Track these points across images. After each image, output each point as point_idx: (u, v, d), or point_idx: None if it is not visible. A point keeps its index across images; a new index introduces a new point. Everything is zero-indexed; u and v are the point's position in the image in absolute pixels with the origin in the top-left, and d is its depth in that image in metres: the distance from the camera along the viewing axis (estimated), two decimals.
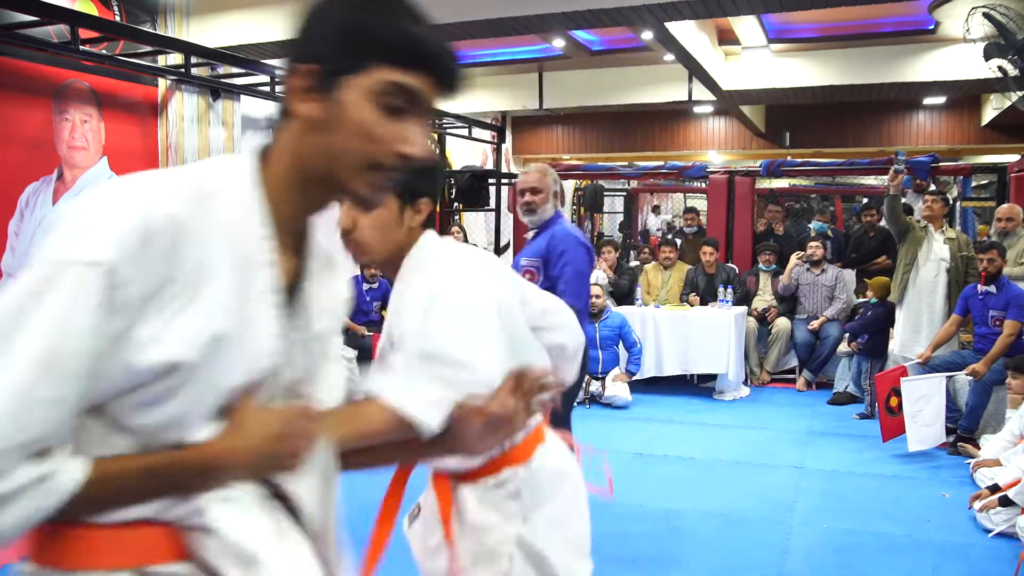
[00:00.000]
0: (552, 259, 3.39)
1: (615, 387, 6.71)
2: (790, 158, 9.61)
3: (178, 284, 0.88)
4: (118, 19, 5.41)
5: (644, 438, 5.77)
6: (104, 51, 5.10)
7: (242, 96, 6.35)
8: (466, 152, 10.09)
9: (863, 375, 6.57)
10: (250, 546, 0.96)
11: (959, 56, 7.39)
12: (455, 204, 9.32)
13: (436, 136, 9.13)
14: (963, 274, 6.04)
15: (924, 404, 5.14)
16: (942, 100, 10.03)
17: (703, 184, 9.12)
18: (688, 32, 6.57)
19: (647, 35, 6.72)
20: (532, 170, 3.62)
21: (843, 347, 6.92)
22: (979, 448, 4.99)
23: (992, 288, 5.36)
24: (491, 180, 9.27)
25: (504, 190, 9.62)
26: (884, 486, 4.71)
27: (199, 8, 5.93)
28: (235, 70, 6.06)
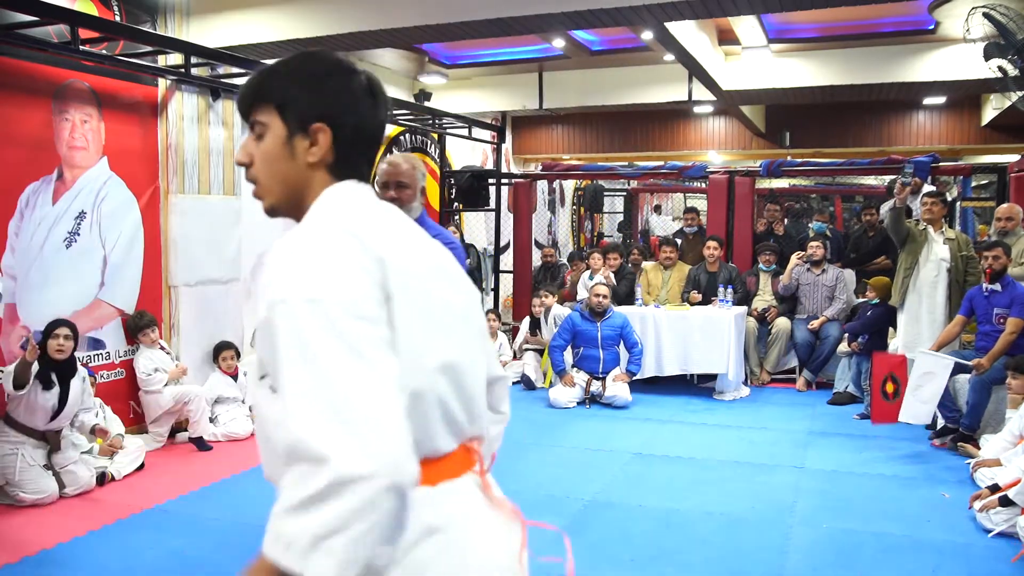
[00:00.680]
0: None
1: (615, 387, 6.72)
2: (790, 158, 9.61)
3: None
4: (118, 19, 5.41)
5: (644, 438, 5.77)
6: (104, 51, 5.10)
7: None
8: (466, 152, 10.09)
9: (863, 375, 6.57)
10: None
11: (959, 56, 7.39)
12: (455, 204, 9.32)
13: (436, 136, 9.14)
14: (963, 274, 6.03)
15: (927, 381, 5.19)
16: (942, 100, 10.03)
17: (703, 184, 9.12)
18: (688, 32, 6.57)
19: (647, 35, 6.72)
20: (399, 160, 2.87)
21: (843, 347, 6.92)
22: (979, 448, 4.99)
23: (997, 287, 5.37)
24: (491, 180, 9.28)
25: (504, 190, 9.62)
26: (884, 486, 4.71)
27: (199, 8, 5.93)
28: (235, 70, 6.05)
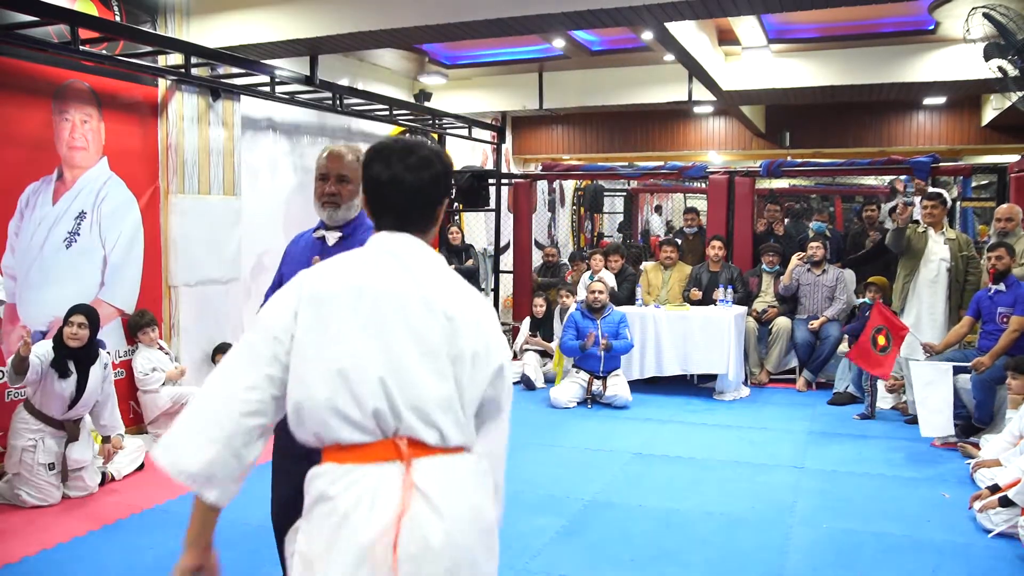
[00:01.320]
0: None
1: (615, 387, 6.72)
2: (790, 158, 9.61)
3: None
4: (118, 19, 5.40)
5: (644, 438, 5.77)
6: (104, 51, 5.10)
7: (242, 96, 6.35)
8: (466, 152, 10.09)
9: (863, 375, 6.57)
10: None
11: (959, 56, 7.38)
12: (455, 204, 9.32)
13: (436, 136, 9.13)
14: (964, 274, 6.04)
15: (931, 391, 5.18)
16: (942, 100, 10.03)
17: (703, 184, 9.12)
18: (688, 32, 6.57)
19: (647, 35, 6.72)
20: (342, 151, 2.62)
21: (843, 347, 6.92)
22: (979, 448, 4.99)
23: (1001, 286, 5.39)
24: (491, 180, 9.27)
25: (504, 190, 9.62)
26: (884, 486, 4.71)
27: (199, 8, 5.93)
28: (235, 70, 6.05)
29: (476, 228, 10.22)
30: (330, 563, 1.45)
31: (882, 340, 5.68)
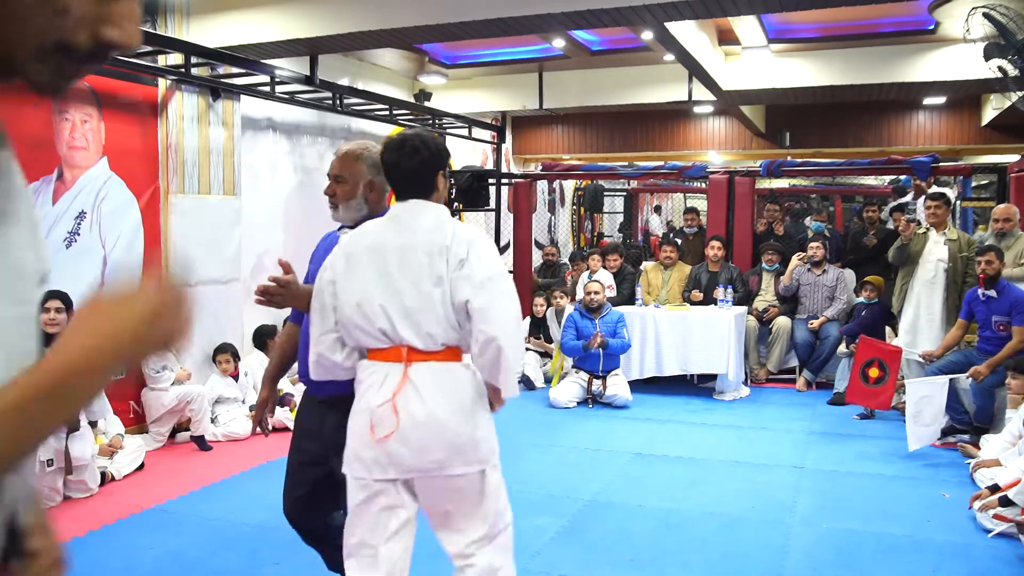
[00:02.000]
0: None
1: (615, 387, 6.72)
2: (790, 158, 9.60)
3: None
4: None
5: (644, 438, 5.77)
6: None
7: (242, 96, 6.35)
8: (466, 152, 10.09)
9: None
10: None
11: (959, 56, 7.38)
12: (455, 204, 9.31)
13: (436, 136, 9.12)
14: (962, 275, 6.04)
15: (926, 405, 5.14)
16: (942, 100, 10.03)
17: (703, 184, 9.12)
18: (688, 32, 6.57)
19: (647, 35, 6.72)
20: (341, 150, 2.69)
21: (843, 348, 6.93)
22: (979, 448, 4.99)
23: (993, 292, 5.36)
24: (491, 180, 9.27)
25: (504, 190, 9.62)
26: (884, 486, 4.71)
27: (199, 8, 5.93)
28: (235, 70, 6.06)
29: (476, 228, 10.20)
30: (355, 416, 2.27)
31: (874, 372, 5.65)
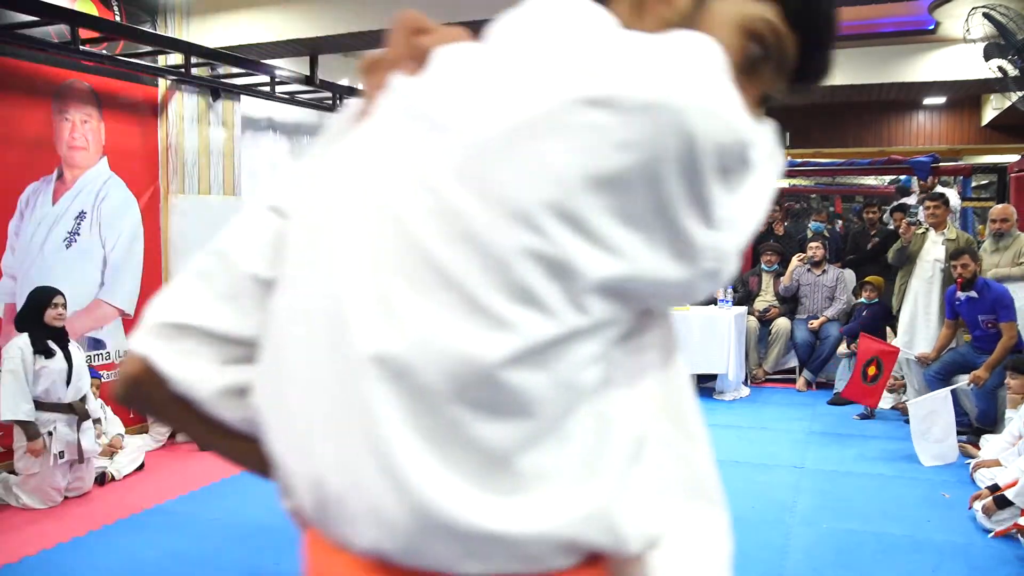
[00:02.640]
0: None
1: None
2: (790, 158, 9.61)
3: None
4: (118, 19, 5.41)
5: None
6: (104, 51, 5.10)
7: (242, 96, 6.35)
8: None
9: None
10: None
11: (959, 56, 7.39)
12: None
13: None
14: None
15: (932, 421, 5.04)
16: (942, 100, 10.04)
17: None
18: None
19: None
20: None
21: (843, 348, 6.93)
22: (979, 448, 4.99)
23: (974, 293, 5.34)
24: None
25: None
26: (884, 486, 4.71)
27: (199, 8, 5.93)
28: (235, 70, 6.06)
29: None
30: None
31: (872, 370, 5.65)
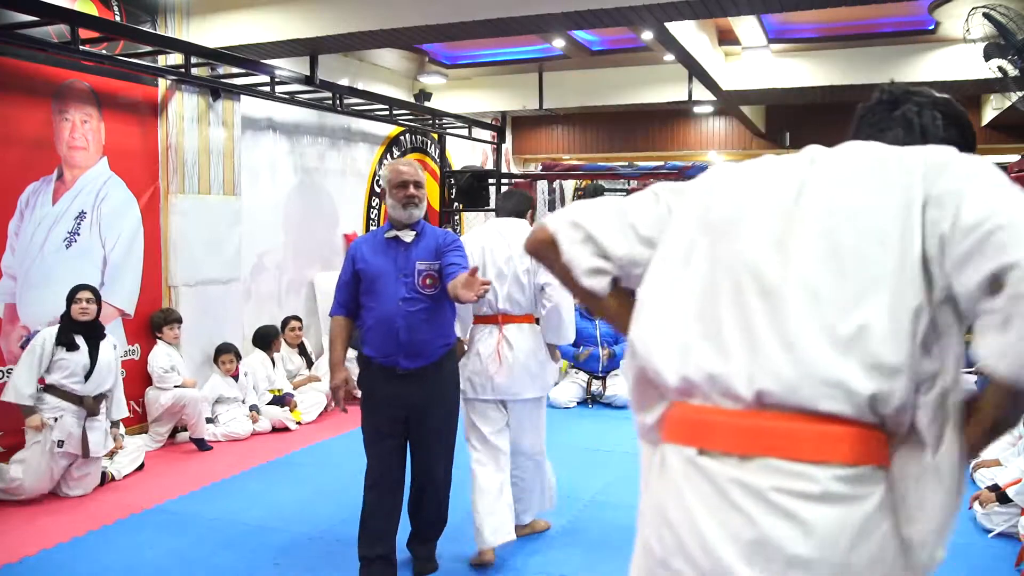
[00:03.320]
0: (449, 252, 3.24)
1: (615, 387, 6.72)
2: None
3: None
4: (118, 19, 5.41)
5: None
6: (104, 51, 5.10)
7: (242, 96, 6.35)
8: (466, 152, 10.09)
9: None
10: None
11: (959, 56, 7.38)
12: (455, 204, 9.32)
13: (436, 136, 9.14)
14: None
15: None
16: None
17: None
18: (688, 32, 6.57)
19: (647, 35, 6.72)
20: (408, 162, 3.38)
21: None
22: None
23: None
24: (491, 180, 9.28)
25: (504, 191, 9.61)
26: None
27: (199, 8, 5.93)
28: (235, 70, 6.05)
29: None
30: (470, 359, 3.64)
31: None
